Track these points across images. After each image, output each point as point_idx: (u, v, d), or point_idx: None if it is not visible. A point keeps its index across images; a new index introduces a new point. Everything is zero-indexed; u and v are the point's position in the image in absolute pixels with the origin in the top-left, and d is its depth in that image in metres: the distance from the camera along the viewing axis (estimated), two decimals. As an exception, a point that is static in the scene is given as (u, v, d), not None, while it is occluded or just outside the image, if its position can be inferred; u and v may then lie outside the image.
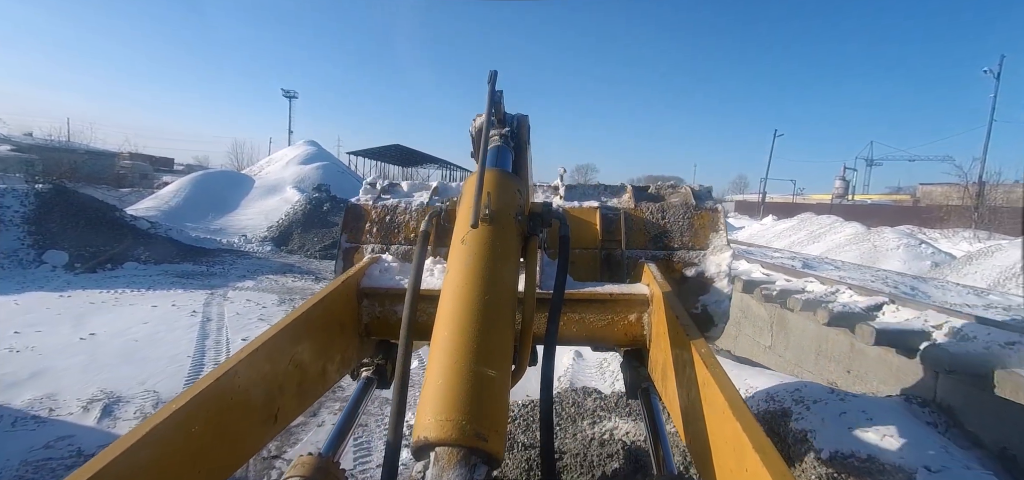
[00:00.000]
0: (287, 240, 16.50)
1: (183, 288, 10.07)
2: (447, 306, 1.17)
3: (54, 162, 21.35)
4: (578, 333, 1.85)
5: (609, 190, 2.89)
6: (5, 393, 4.88)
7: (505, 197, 1.45)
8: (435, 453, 0.89)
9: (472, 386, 0.97)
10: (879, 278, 10.04)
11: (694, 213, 2.59)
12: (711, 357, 1.23)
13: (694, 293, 2.43)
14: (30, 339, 6.48)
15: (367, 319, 1.92)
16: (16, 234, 11.62)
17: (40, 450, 4.01)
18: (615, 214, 2.57)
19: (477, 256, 1.27)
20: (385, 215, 2.66)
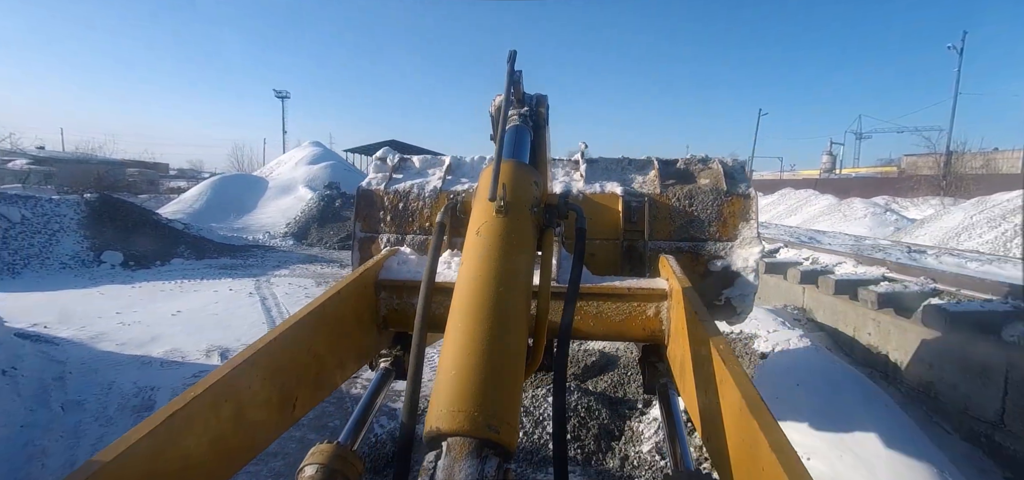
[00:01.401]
0: (306, 235, 18.10)
1: (231, 277, 11.69)
2: (461, 297, 1.17)
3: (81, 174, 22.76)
4: (595, 327, 1.81)
5: (634, 165, 2.76)
6: (143, 348, 6.53)
7: (521, 188, 1.44)
8: (447, 443, 0.88)
9: (485, 377, 0.97)
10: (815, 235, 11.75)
11: (724, 201, 2.45)
12: (729, 354, 1.22)
13: (718, 286, 2.36)
14: (134, 316, 8.12)
15: (385, 311, 1.90)
16: (75, 239, 13.19)
17: (190, 378, 5.66)
18: (639, 202, 2.44)
19: (492, 247, 1.26)
20: (398, 202, 2.64)
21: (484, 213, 1.35)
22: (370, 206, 2.67)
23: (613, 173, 2.71)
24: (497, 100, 1.89)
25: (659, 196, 2.49)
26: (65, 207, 13.85)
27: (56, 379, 5.29)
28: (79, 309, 8.53)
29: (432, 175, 2.79)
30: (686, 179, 2.61)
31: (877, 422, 2.96)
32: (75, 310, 8.42)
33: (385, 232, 2.61)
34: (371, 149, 60.55)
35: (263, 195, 21.97)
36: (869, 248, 6.69)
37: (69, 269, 12.15)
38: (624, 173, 2.70)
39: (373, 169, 2.91)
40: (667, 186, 2.53)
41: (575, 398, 4.59)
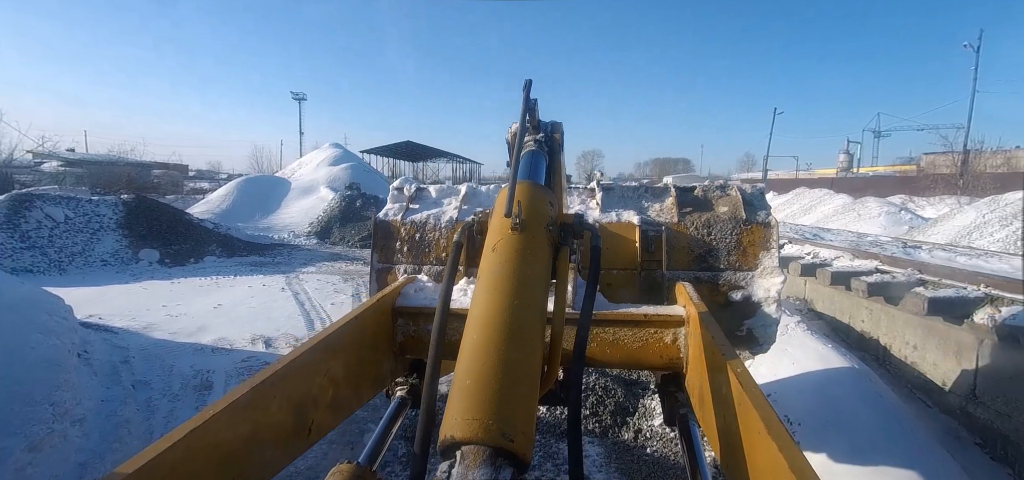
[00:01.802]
0: (328, 234, 18.75)
1: (262, 273, 12.31)
2: (477, 310, 1.17)
3: (110, 176, 23.66)
4: (612, 355, 1.79)
5: (650, 193, 2.75)
6: (193, 337, 7.11)
7: (536, 206, 1.45)
8: (461, 452, 0.88)
9: (500, 387, 0.96)
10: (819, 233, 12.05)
11: (743, 229, 2.42)
12: (748, 378, 1.21)
13: (739, 316, 2.34)
14: (179, 309, 8.73)
15: (402, 338, 1.91)
16: (114, 237, 13.92)
17: (240, 362, 6.21)
18: (656, 231, 2.43)
19: (507, 262, 1.26)
20: (415, 232, 2.65)
21: (500, 230, 1.36)
22: (387, 237, 2.69)
23: (629, 201, 2.70)
24: (513, 127, 1.92)
25: (677, 225, 2.47)
26: (104, 207, 14.60)
27: (122, 362, 5.86)
28: (126, 302, 9.18)
29: (448, 205, 2.81)
30: (704, 207, 2.59)
31: (861, 396, 3.37)
32: (123, 303, 9.06)
33: (402, 263, 2.61)
34: (387, 150, 61.63)
35: (286, 195, 22.69)
36: (868, 244, 7.04)
37: (110, 266, 12.87)
38: (640, 201, 2.69)
39: (390, 199, 2.90)
40: (685, 214, 2.52)
41: (593, 378, 5.04)
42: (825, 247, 6.15)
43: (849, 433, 3.17)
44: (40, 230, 13.12)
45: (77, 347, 5.40)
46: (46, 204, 13.73)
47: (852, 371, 3.48)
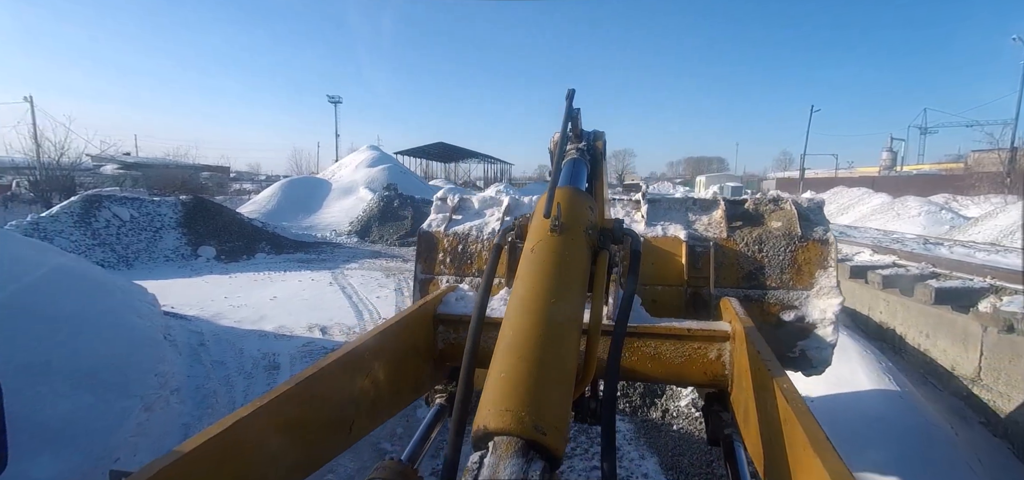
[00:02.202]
0: (368, 233, 19.56)
1: (309, 269, 13.10)
2: (514, 306, 1.18)
3: (165, 177, 25.14)
4: (653, 369, 1.76)
5: (698, 205, 2.67)
6: (256, 324, 7.82)
7: (576, 210, 1.45)
8: (493, 442, 0.88)
9: (534, 382, 0.97)
10: (846, 230, 12.07)
11: (798, 246, 2.34)
12: (794, 393, 1.18)
13: (792, 337, 2.25)
14: (239, 300, 9.51)
15: (442, 345, 1.93)
16: (175, 235, 14.98)
17: (301, 346, 6.87)
18: (704, 247, 2.37)
19: (546, 262, 1.27)
20: (457, 244, 2.67)
21: (539, 232, 1.37)
22: (430, 248, 2.72)
23: (676, 214, 2.63)
24: (556, 136, 1.91)
25: (725, 240, 2.40)
26: (165, 207, 15.71)
27: (199, 345, 6.57)
28: (192, 294, 10.02)
29: (490, 216, 2.83)
30: (755, 221, 2.50)
31: (868, 370, 3.72)
32: (189, 295, 9.90)
33: (445, 274, 2.64)
34: (420, 151, 62.82)
35: (327, 196, 23.68)
36: (890, 240, 7.21)
37: (172, 261, 13.89)
38: (687, 213, 2.62)
39: (434, 209, 2.96)
40: (734, 229, 2.45)
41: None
42: (847, 243, 6.39)
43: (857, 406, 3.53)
44: (109, 228, 14.25)
45: (163, 330, 6.12)
46: (114, 204, 14.88)
47: (856, 348, 3.81)
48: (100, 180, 26.67)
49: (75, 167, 22.16)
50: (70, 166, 21.20)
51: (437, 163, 73.00)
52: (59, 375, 3.78)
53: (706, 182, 74.58)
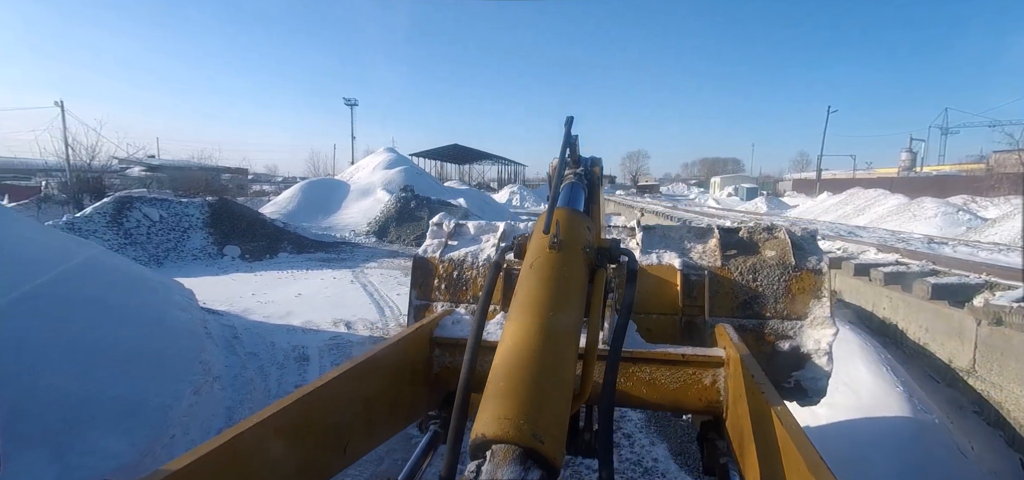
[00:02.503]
0: (386, 233, 20.00)
1: (330, 268, 13.52)
2: (513, 318, 1.19)
3: (187, 179, 25.83)
4: (648, 395, 1.77)
5: (693, 233, 2.72)
6: (284, 320, 8.21)
7: (574, 229, 1.49)
8: (492, 450, 0.89)
9: (533, 391, 0.98)
10: (855, 230, 12.16)
11: (792, 276, 2.36)
12: (790, 419, 1.19)
13: (787, 367, 2.28)
14: (267, 297, 9.93)
15: (438, 369, 1.94)
16: (202, 235, 15.52)
17: (327, 340, 7.23)
18: (698, 276, 2.41)
19: (544, 278, 1.29)
20: (453, 270, 2.70)
21: (538, 249, 1.40)
22: (426, 274, 2.73)
23: (671, 242, 2.66)
24: (554, 161, 1.93)
25: (720, 269, 2.42)
26: (192, 208, 16.27)
27: (233, 338, 6.96)
28: (221, 291, 10.46)
29: (486, 241, 2.85)
30: (750, 250, 2.54)
31: (867, 362, 3.95)
32: (218, 292, 10.34)
33: (440, 300, 2.63)
34: (435, 153, 63.43)
35: (346, 197, 24.19)
36: (895, 240, 7.37)
37: (199, 260, 14.41)
38: (682, 242, 2.65)
39: (429, 234, 2.96)
40: (729, 258, 2.48)
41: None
42: (854, 243, 6.57)
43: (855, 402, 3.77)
44: (139, 228, 14.83)
45: (202, 323, 6.51)
46: (144, 205, 15.47)
47: (857, 342, 4.04)
48: (127, 182, 27.50)
49: (105, 170, 22.92)
50: (100, 169, 21.94)
51: (452, 165, 73.63)
52: (117, 358, 4.16)
53: (721, 183, 74.22)
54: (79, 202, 19.09)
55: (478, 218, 23.59)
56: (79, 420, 3.49)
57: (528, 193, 50.70)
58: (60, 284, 4.83)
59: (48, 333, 4.08)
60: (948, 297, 4.25)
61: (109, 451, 3.32)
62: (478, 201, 28.12)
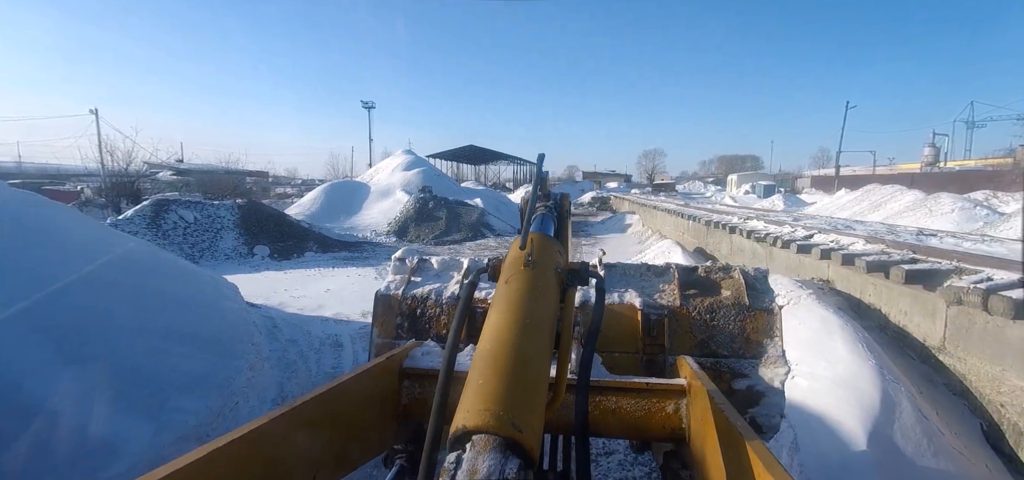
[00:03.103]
0: (405, 232, 20.72)
1: (355, 266, 14.21)
2: (491, 324, 1.23)
3: (215, 183, 26.85)
4: (613, 423, 1.79)
5: (653, 271, 2.78)
6: (317, 312, 8.88)
7: (547, 251, 1.56)
8: (472, 441, 0.92)
9: (511, 385, 1.02)
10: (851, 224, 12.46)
11: (747, 315, 2.45)
12: (756, 440, 1.23)
13: (743, 405, 2.34)
14: (298, 292, 10.62)
15: (406, 400, 1.90)
16: (233, 236, 16.35)
17: (358, 329, 7.86)
18: (659, 314, 2.46)
19: (519, 291, 1.33)
20: (416, 308, 2.65)
21: (512, 267, 1.46)
22: (388, 312, 2.69)
23: (632, 280, 2.74)
24: (526, 196, 2.01)
25: (679, 308, 2.49)
26: (223, 211, 17.11)
27: (273, 327, 7.61)
28: (255, 288, 11.16)
29: (451, 279, 2.84)
30: (708, 289, 2.62)
31: (845, 340, 4.42)
32: (253, 288, 11.04)
33: (403, 338, 2.60)
34: (451, 154, 64.24)
35: (366, 198, 25.01)
36: (884, 231, 7.75)
37: (231, 259, 15.22)
38: (643, 280, 2.73)
39: (392, 270, 2.93)
40: (688, 297, 2.55)
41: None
42: (847, 235, 6.98)
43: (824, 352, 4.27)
44: (176, 229, 15.70)
45: (247, 313, 7.18)
46: (179, 208, 16.35)
47: (838, 323, 4.50)
48: (157, 186, 28.66)
49: (140, 175, 24.02)
50: (137, 174, 23.03)
51: (467, 166, 74.44)
52: (185, 340, 4.81)
53: (738, 181, 73.83)
54: (117, 206, 20.13)
55: (495, 217, 24.19)
56: (163, 388, 4.14)
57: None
58: (126, 275, 5.51)
59: (126, 316, 4.75)
60: (921, 282, 4.67)
61: (190, 411, 3.96)
62: (494, 201, 28.70)
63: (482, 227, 22.22)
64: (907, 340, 4.97)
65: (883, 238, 6.37)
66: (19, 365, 3.58)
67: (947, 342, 4.45)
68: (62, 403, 3.46)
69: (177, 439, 3.76)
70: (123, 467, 3.39)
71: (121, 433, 3.59)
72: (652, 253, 13.34)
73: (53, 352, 3.81)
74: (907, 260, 5.07)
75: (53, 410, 3.42)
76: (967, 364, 4.24)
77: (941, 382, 4.52)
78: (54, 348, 3.82)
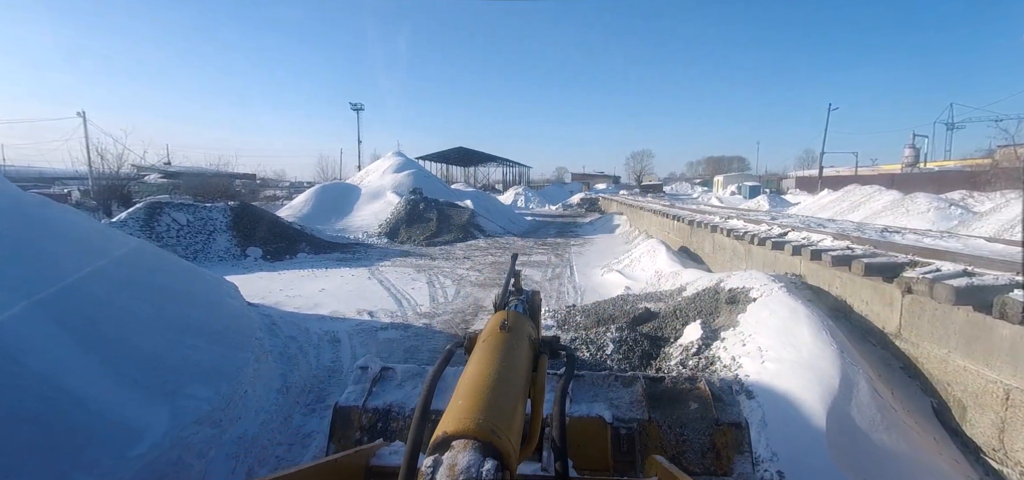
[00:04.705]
0: (396, 234, 20.95)
1: (347, 267, 14.45)
2: (470, 364, 1.34)
3: (204, 185, 26.88)
4: None
5: (620, 381, 2.78)
6: (313, 310, 9.15)
7: (521, 324, 1.68)
8: (452, 445, 0.95)
9: (490, 401, 1.08)
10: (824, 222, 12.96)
11: (715, 430, 2.43)
12: None
13: None
14: (293, 292, 10.87)
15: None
16: (226, 237, 16.50)
17: (354, 326, 8.15)
18: (628, 429, 2.45)
19: (497, 345, 1.44)
20: (377, 421, 2.56)
21: (491, 331, 1.55)
22: (346, 425, 2.56)
23: (599, 390, 2.71)
24: (499, 292, 2.12)
25: (648, 423, 2.46)
26: (215, 213, 17.26)
27: (272, 325, 7.87)
28: (251, 288, 11.34)
29: (412, 390, 2.73)
30: (676, 400, 2.61)
31: (810, 327, 4.82)
32: (249, 289, 11.20)
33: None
34: (441, 156, 64.41)
35: (357, 200, 25.20)
36: (851, 228, 8.21)
37: (224, 261, 15.37)
38: (610, 391, 2.71)
39: (352, 380, 2.80)
40: (656, 408, 2.55)
41: (626, 334, 6.59)
42: (817, 232, 7.42)
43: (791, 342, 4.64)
44: (169, 231, 15.83)
45: (247, 310, 7.44)
46: (172, 210, 16.48)
47: (805, 312, 4.90)
48: (146, 189, 28.60)
49: (128, 178, 24.02)
50: (127, 176, 23.05)
51: (457, 167, 74.63)
52: (194, 332, 5.09)
53: (724, 182, 74.90)
54: (108, 209, 20.17)
55: (485, 219, 24.47)
56: (178, 376, 4.42)
57: (533, 194, 51.59)
58: (134, 269, 5.77)
59: (141, 310, 5.01)
60: (879, 274, 5.08)
61: (204, 398, 4.24)
62: (484, 202, 29.03)
63: (472, 228, 22.52)
64: (869, 328, 5.38)
65: (850, 235, 6.79)
66: (44, 353, 3.85)
67: (903, 329, 4.86)
68: (89, 389, 3.73)
69: (193, 422, 4.05)
70: (145, 447, 3.68)
71: (143, 417, 3.87)
72: (639, 251, 13.74)
73: (75, 342, 4.08)
74: (868, 254, 5.48)
75: (79, 395, 3.70)
76: (920, 348, 4.65)
77: (898, 365, 4.93)
78: (77, 338, 4.08)
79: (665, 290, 8.96)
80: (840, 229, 7.93)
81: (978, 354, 4.03)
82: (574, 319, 7.98)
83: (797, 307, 5.28)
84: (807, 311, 5.17)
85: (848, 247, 6.13)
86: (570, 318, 8.05)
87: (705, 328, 5.85)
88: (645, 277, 11.22)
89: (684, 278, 9.26)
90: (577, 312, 8.36)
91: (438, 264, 15.10)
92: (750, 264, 8.91)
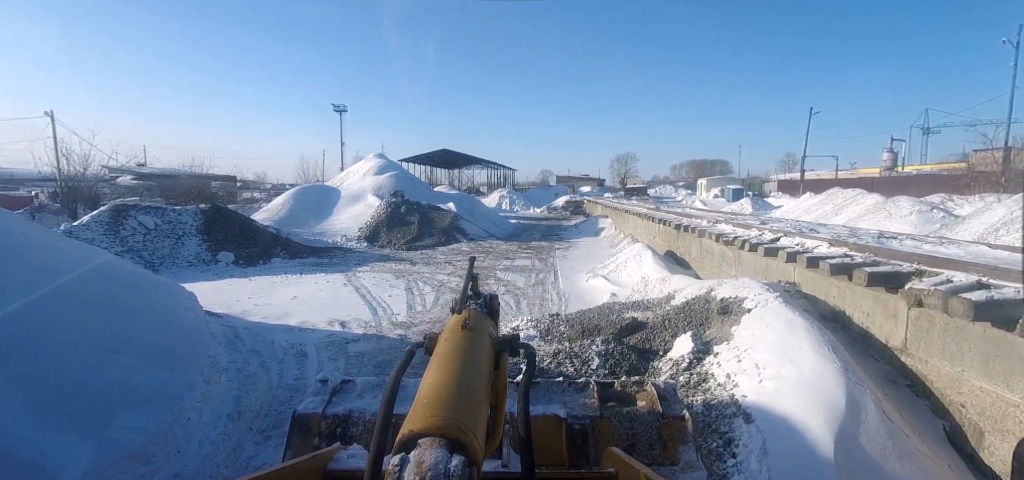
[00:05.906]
0: (376, 238, 20.37)
1: (323, 272, 13.88)
2: (433, 361, 1.35)
3: (178, 187, 26.02)
4: None
5: (574, 386, 2.87)
6: (281, 320, 8.60)
7: (482, 323, 1.68)
8: (419, 443, 0.95)
9: (454, 394, 1.09)
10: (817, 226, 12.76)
11: (662, 423, 2.55)
12: None
13: None
14: (262, 300, 10.30)
15: None
16: (196, 242, 15.80)
17: (324, 338, 7.63)
18: (581, 425, 2.53)
19: (459, 343, 1.44)
20: (335, 427, 2.55)
21: (452, 330, 1.55)
22: (304, 434, 2.56)
23: (554, 395, 2.83)
24: (458, 296, 2.16)
25: (600, 420, 2.61)
26: (186, 216, 16.54)
27: (234, 337, 7.33)
28: (218, 296, 10.79)
29: (373, 399, 2.76)
30: (625, 401, 2.77)
31: (810, 342, 4.45)
32: (216, 296, 10.67)
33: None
34: (425, 158, 63.72)
35: (337, 203, 24.54)
36: (850, 235, 7.93)
37: (194, 266, 14.70)
38: (565, 395, 2.83)
39: (311, 392, 2.81)
40: (607, 408, 2.68)
41: (612, 347, 6.18)
42: (811, 238, 7.11)
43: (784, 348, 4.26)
44: (135, 235, 15.11)
45: (205, 322, 6.89)
46: (139, 213, 15.74)
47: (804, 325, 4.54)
48: (117, 191, 27.61)
49: (97, 179, 23.09)
50: (94, 178, 22.13)
51: (441, 170, 73.96)
52: (136, 352, 4.55)
53: (707, 185, 75.29)
54: (74, 211, 19.29)
55: (469, 222, 23.99)
56: (107, 405, 3.90)
57: (517, 197, 51.18)
58: (77, 286, 5.21)
59: (70, 330, 4.47)
60: (883, 284, 4.75)
61: (137, 428, 3.73)
62: (467, 205, 28.53)
63: (455, 231, 22.02)
64: (870, 341, 5.04)
65: (846, 241, 6.48)
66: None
67: (909, 343, 4.52)
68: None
69: (122, 458, 3.54)
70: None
71: (60, 455, 3.35)
72: (624, 256, 13.38)
73: (-18, 370, 3.55)
74: (870, 263, 5.16)
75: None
76: (929, 365, 4.30)
77: (904, 383, 4.59)
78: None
79: (652, 298, 8.58)
80: (834, 234, 7.62)
81: (997, 374, 3.69)
82: (558, 329, 7.55)
83: (795, 319, 4.92)
84: (806, 323, 4.81)
85: (846, 254, 5.81)
86: (554, 328, 7.62)
87: (696, 341, 5.46)
88: (631, 283, 10.85)
89: (672, 285, 8.89)
90: (561, 321, 7.93)
91: (418, 269, 14.59)
92: (740, 270, 8.58)
